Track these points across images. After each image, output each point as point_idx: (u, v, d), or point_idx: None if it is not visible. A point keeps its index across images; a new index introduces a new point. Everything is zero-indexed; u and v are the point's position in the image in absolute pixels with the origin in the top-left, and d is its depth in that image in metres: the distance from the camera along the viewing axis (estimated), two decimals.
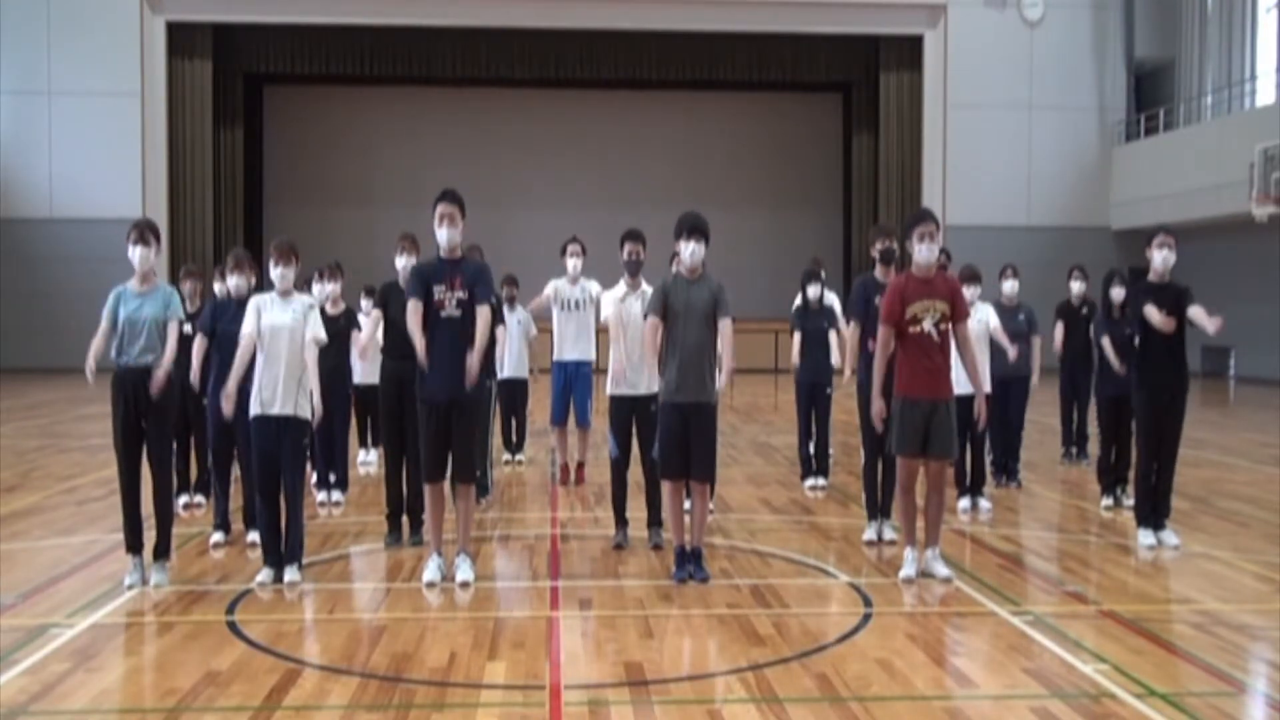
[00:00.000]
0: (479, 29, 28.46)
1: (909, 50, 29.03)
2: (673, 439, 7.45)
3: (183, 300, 7.79)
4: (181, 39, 27.88)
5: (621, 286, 8.69)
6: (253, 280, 8.27)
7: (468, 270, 7.33)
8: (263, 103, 31.12)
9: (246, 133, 29.90)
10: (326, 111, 31.13)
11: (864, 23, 28.60)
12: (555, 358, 11.02)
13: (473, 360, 7.16)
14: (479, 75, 29.81)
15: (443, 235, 7.34)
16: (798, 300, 11.07)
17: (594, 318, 10.94)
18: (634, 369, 8.33)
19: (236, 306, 7.91)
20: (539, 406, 12.61)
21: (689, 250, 7.44)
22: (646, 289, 8.19)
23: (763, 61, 29.54)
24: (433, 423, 7.27)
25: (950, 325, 7.43)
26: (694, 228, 7.48)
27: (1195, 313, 8.12)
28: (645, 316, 7.64)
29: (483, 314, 7.26)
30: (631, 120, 31.49)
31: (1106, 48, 29.22)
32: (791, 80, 30.20)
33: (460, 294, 7.26)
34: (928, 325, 7.36)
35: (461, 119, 30.97)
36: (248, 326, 7.33)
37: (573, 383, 10.96)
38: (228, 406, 7.54)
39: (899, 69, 29.19)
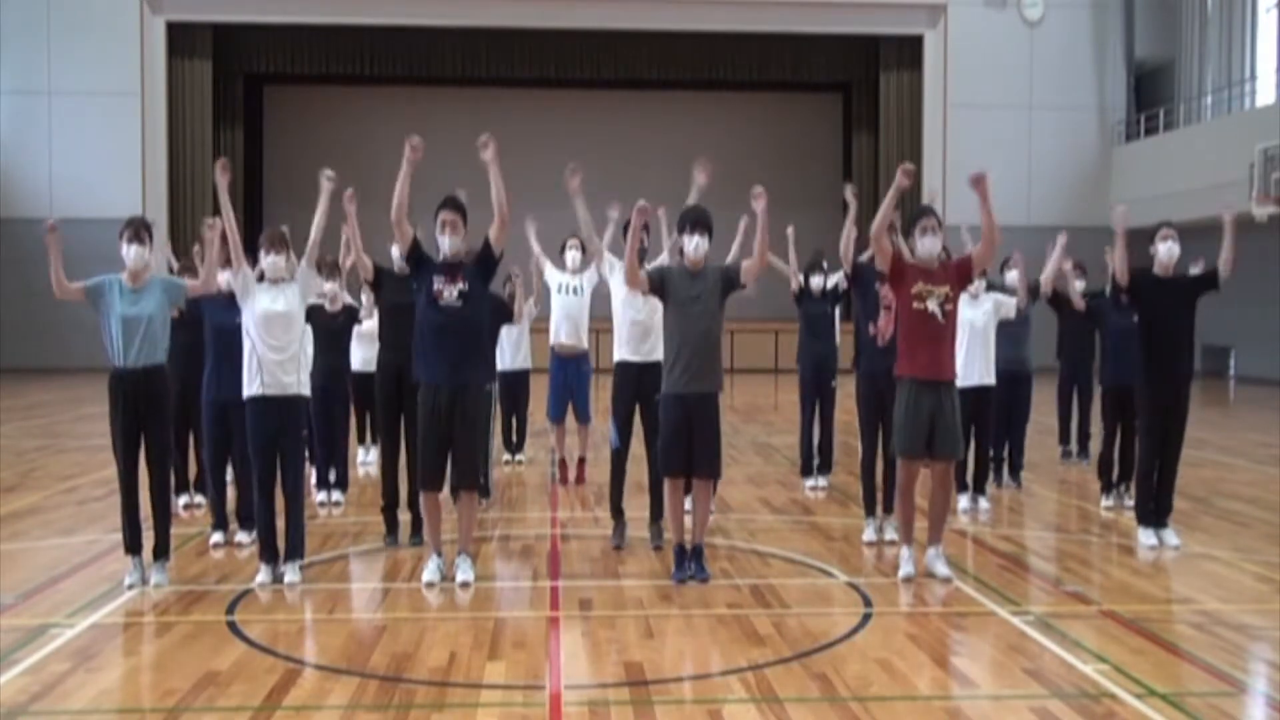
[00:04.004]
0: (479, 29, 28.45)
1: (909, 50, 29.02)
2: (675, 432, 7.37)
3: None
4: (181, 39, 27.86)
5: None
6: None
7: (469, 268, 7.27)
8: (263, 103, 31.10)
9: (246, 133, 29.89)
10: (326, 111, 31.12)
11: (864, 23, 28.58)
12: (551, 341, 10.99)
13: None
14: (479, 75, 29.79)
15: (445, 243, 7.26)
16: (798, 281, 10.90)
17: (589, 304, 10.93)
18: (639, 341, 8.19)
19: (227, 300, 7.90)
20: (540, 406, 12.60)
21: (693, 244, 7.38)
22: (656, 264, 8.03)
23: (763, 61, 29.52)
24: (432, 426, 7.20)
25: (956, 303, 7.42)
26: (698, 221, 7.40)
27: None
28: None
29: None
30: (631, 120, 31.47)
31: (1106, 48, 29.21)
32: (791, 80, 30.18)
33: (461, 286, 7.17)
34: (933, 305, 7.31)
35: (461, 119, 30.85)
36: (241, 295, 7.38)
37: (572, 380, 10.95)
38: None
39: (899, 69, 29.19)
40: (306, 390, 7.49)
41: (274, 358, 7.26)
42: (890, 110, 29.28)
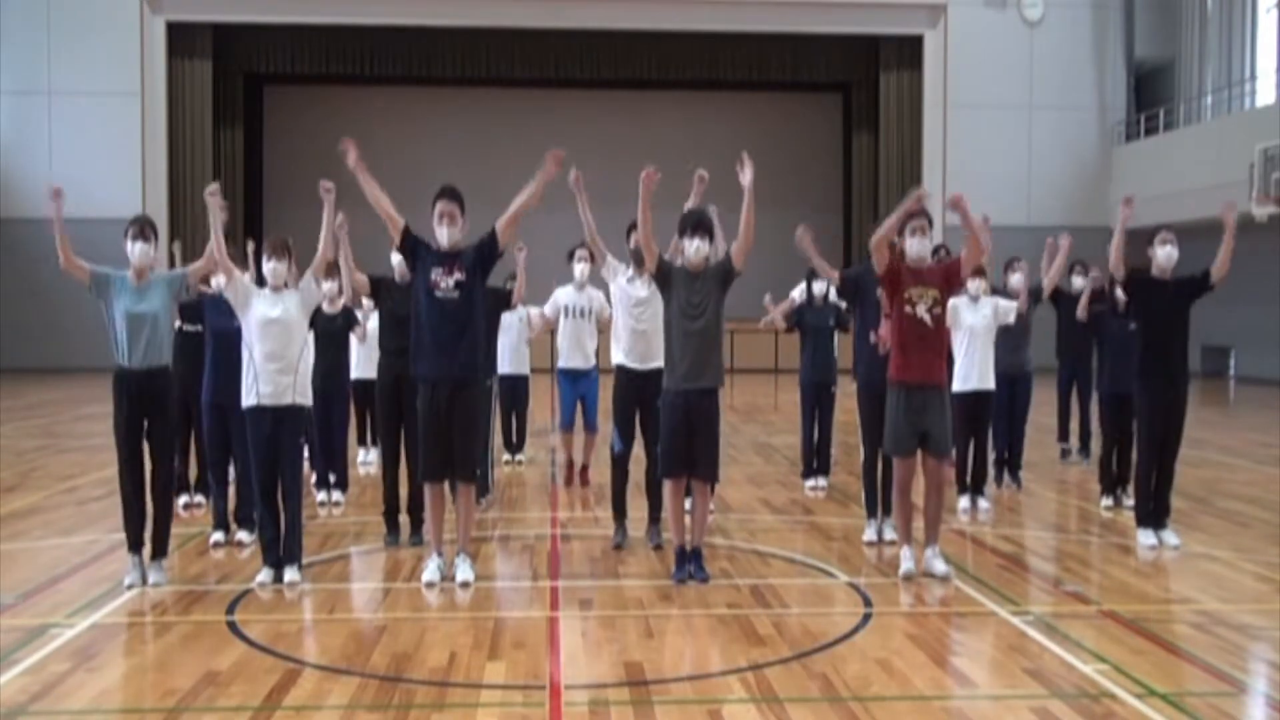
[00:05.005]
0: (479, 29, 28.47)
1: (909, 50, 29.03)
2: (676, 432, 7.36)
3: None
4: (181, 39, 27.88)
5: (630, 269, 8.44)
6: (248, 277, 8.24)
7: (466, 258, 7.21)
8: (263, 103, 31.11)
9: (246, 133, 29.91)
10: (326, 111, 31.08)
11: (864, 23, 28.60)
12: (560, 364, 11.00)
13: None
14: (479, 75, 29.81)
15: (443, 234, 7.25)
16: (799, 293, 10.97)
17: (597, 326, 10.92)
18: (641, 350, 8.17)
19: (228, 304, 7.89)
20: (540, 407, 12.60)
21: (693, 247, 7.36)
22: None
23: (763, 61, 29.54)
24: (433, 417, 7.19)
25: (945, 306, 7.47)
26: (698, 224, 7.39)
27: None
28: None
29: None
30: (632, 120, 31.45)
31: (1106, 48, 29.22)
32: (791, 80, 30.20)
33: (458, 276, 7.12)
34: (921, 310, 7.37)
35: (461, 119, 30.96)
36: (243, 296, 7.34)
37: (582, 390, 10.97)
38: None
39: (899, 69, 29.19)
40: (306, 400, 7.47)
41: (272, 367, 7.23)
42: (890, 110, 29.28)
